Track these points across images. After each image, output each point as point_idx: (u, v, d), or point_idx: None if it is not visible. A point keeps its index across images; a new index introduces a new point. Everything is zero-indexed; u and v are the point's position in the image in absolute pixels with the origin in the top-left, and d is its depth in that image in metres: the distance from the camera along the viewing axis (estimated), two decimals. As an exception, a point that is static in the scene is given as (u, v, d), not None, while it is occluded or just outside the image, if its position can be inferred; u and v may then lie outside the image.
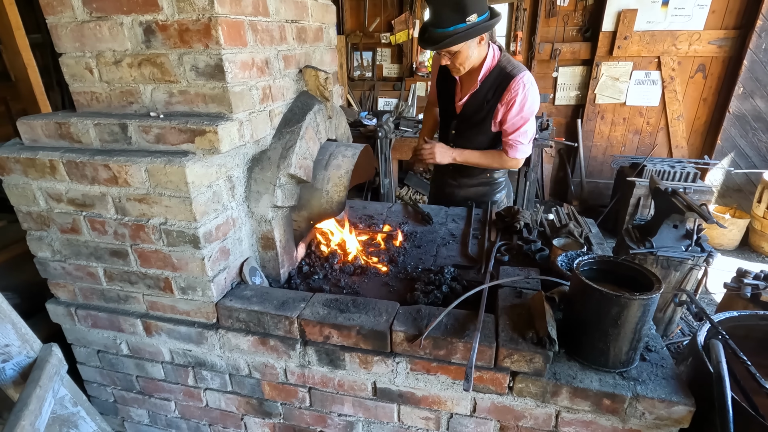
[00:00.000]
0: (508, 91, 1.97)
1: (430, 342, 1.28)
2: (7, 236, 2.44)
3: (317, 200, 1.72)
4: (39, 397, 1.17)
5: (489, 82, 2.02)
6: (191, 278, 1.43)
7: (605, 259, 1.36)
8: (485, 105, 2.07)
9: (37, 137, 1.45)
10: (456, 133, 2.28)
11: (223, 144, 1.32)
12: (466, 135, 2.24)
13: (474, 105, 2.10)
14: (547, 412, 1.28)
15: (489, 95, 2.04)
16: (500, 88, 2.00)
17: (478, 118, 2.12)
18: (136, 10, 1.27)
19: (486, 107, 2.07)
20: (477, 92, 2.07)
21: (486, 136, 2.18)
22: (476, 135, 2.20)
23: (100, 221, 1.42)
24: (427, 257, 1.91)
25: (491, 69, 2.02)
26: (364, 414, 1.50)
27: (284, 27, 1.59)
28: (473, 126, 2.17)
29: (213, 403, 1.68)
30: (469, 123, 2.18)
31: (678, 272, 2.84)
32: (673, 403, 1.13)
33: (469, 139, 2.23)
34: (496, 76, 2.01)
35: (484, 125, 2.13)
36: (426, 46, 1.93)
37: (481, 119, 2.11)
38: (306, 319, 1.38)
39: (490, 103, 2.05)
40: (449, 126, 2.30)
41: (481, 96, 2.06)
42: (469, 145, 2.23)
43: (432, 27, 1.88)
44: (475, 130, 2.18)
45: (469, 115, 2.16)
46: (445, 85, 2.24)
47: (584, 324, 1.24)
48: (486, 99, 2.05)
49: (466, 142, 2.24)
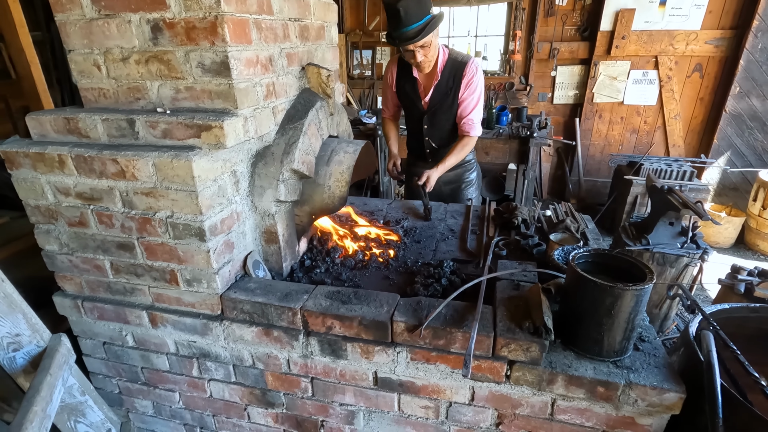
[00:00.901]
0: (465, 74, 2.26)
1: (430, 332, 1.32)
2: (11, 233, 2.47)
3: (319, 195, 1.75)
4: (50, 384, 1.20)
5: (447, 71, 2.28)
6: (197, 270, 1.46)
7: (600, 252, 1.39)
8: (450, 92, 2.32)
9: (45, 132, 1.48)
10: (428, 127, 2.49)
11: (229, 139, 1.35)
12: (438, 125, 2.47)
13: (439, 95, 2.34)
14: (543, 400, 1.32)
15: (450, 83, 2.30)
16: (458, 74, 2.27)
17: (446, 106, 2.36)
18: (144, 8, 1.31)
19: (451, 94, 2.32)
20: (439, 83, 2.31)
21: (451, 117, 2.42)
22: (447, 120, 2.43)
23: (107, 215, 1.46)
24: (426, 252, 1.95)
25: (446, 61, 2.28)
26: (365, 403, 1.53)
27: (287, 25, 1.63)
28: (443, 114, 2.40)
29: (217, 394, 1.71)
30: (439, 113, 2.40)
31: (673, 269, 2.89)
32: (665, 390, 1.17)
33: (441, 128, 2.47)
34: (451, 65, 2.27)
35: (453, 109, 2.37)
36: (405, 42, 2.09)
37: (449, 106, 2.36)
38: (309, 310, 1.42)
39: (453, 89, 2.31)
40: (421, 122, 2.50)
41: (443, 85, 2.31)
42: (442, 133, 2.49)
43: (401, 27, 2.04)
44: (445, 117, 2.41)
45: (437, 106, 2.38)
46: (404, 90, 2.46)
47: (579, 314, 1.28)
48: (449, 87, 2.31)
49: (439, 132, 2.49)
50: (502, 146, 5.09)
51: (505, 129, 4.65)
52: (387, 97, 2.63)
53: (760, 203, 4.18)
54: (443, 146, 2.52)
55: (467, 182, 2.71)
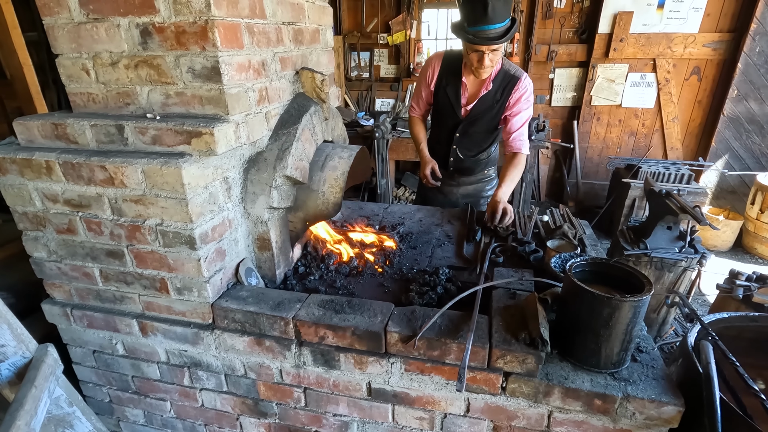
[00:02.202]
0: (516, 89, 2.13)
1: (425, 343, 1.29)
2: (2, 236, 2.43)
3: (313, 201, 1.73)
4: (35, 397, 1.17)
5: (497, 82, 2.15)
6: (187, 279, 1.44)
7: (597, 261, 1.37)
8: (495, 104, 2.19)
9: (33, 138, 1.45)
10: (460, 136, 2.34)
11: (220, 146, 1.32)
12: (471, 137, 2.33)
13: (484, 106, 2.20)
14: (539, 412, 1.30)
15: (499, 95, 2.17)
16: (509, 87, 2.15)
17: (488, 117, 2.23)
18: (133, 12, 1.28)
19: (497, 106, 2.20)
20: (488, 93, 2.17)
21: (489, 133, 2.32)
22: (482, 132, 2.31)
23: (96, 222, 1.43)
24: (422, 258, 1.93)
25: (498, 72, 2.14)
26: (359, 414, 1.51)
27: (281, 29, 1.60)
28: (482, 125, 2.27)
29: (209, 404, 1.69)
30: (477, 124, 2.27)
31: (671, 273, 2.87)
32: (663, 404, 1.15)
33: (473, 140, 2.34)
34: (503, 76, 2.14)
35: (492, 123, 2.26)
36: (487, 42, 1.90)
37: (490, 118, 2.23)
38: (301, 320, 1.39)
39: (500, 102, 2.18)
40: (454, 130, 2.34)
41: (491, 96, 2.17)
42: (471, 144, 2.36)
43: (485, 24, 1.85)
44: (484, 128, 2.29)
45: (479, 116, 2.24)
46: (445, 92, 2.27)
47: (576, 325, 1.26)
48: (496, 99, 2.18)
49: (469, 143, 2.36)
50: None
51: (502, 131, 4.63)
52: (421, 94, 2.40)
53: (757, 206, 4.17)
54: (467, 159, 2.40)
55: (486, 197, 2.57)
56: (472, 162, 2.43)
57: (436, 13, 5.46)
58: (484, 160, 2.47)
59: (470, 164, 2.44)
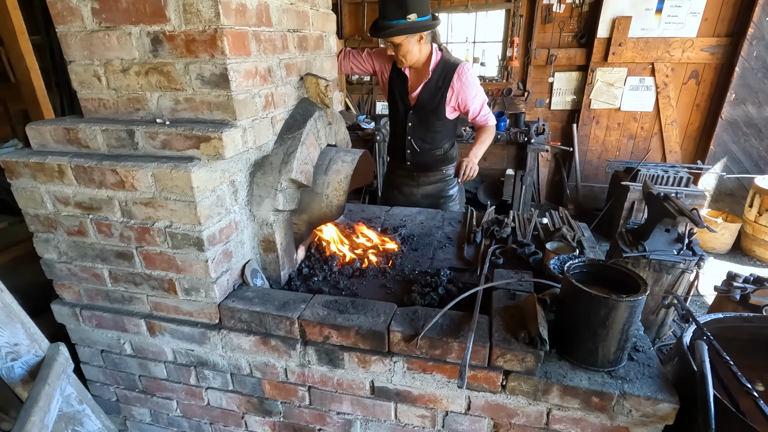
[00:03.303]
0: (456, 76, 2.37)
1: (427, 342, 1.33)
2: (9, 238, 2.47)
3: (317, 204, 1.77)
4: (48, 394, 1.21)
5: (438, 71, 2.39)
6: (195, 280, 1.47)
7: (595, 262, 1.41)
8: (438, 91, 2.42)
9: (45, 142, 1.49)
10: (413, 125, 2.56)
11: (228, 150, 1.36)
12: (422, 125, 2.54)
13: (428, 93, 2.44)
14: (538, 409, 1.33)
15: (440, 83, 2.41)
16: (448, 75, 2.39)
17: (433, 104, 2.45)
18: (144, 20, 1.32)
19: (439, 93, 2.42)
20: (429, 81, 2.41)
21: (440, 120, 2.50)
22: (432, 120, 2.51)
23: (106, 224, 1.47)
24: (423, 260, 1.96)
25: (438, 62, 2.39)
26: (362, 412, 1.54)
27: (286, 36, 1.64)
28: (429, 112, 2.49)
29: (214, 402, 1.72)
30: (425, 110, 2.49)
31: (670, 275, 2.90)
32: (658, 401, 1.18)
33: (426, 125, 2.54)
34: (442, 67, 2.39)
35: (439, 109, 2.46)
36: (372, 33, 2.28)
37: (436, 104, 2.45)
38: (306, 320, 1.43)
39: (442, 89, 2.41)
40: (405, 119, 2.56)
41: (433, 84, 2.41)
42: (424, 134, 2.55)
43: (380, 19, 2.21)
44: (432, 116, 2.49)
45: (425, 103, 2.47)
46: (395, 83, 2.53)
47: (574, 325, 1.29)
48: (438, 86, 2.41)
49: (422, 132, 2.56)
50: (500, 152, 5.12)
51: (503, 135, 4.68)
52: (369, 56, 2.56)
53: (755, 209, 4.21)
54: (423, 152, 2.58)
55: (446, 197, 2.73)
56: (429, 157, 2.59)
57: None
58: (440, 157, 2.62)
59: (427, 159, 2.60)
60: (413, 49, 2.27)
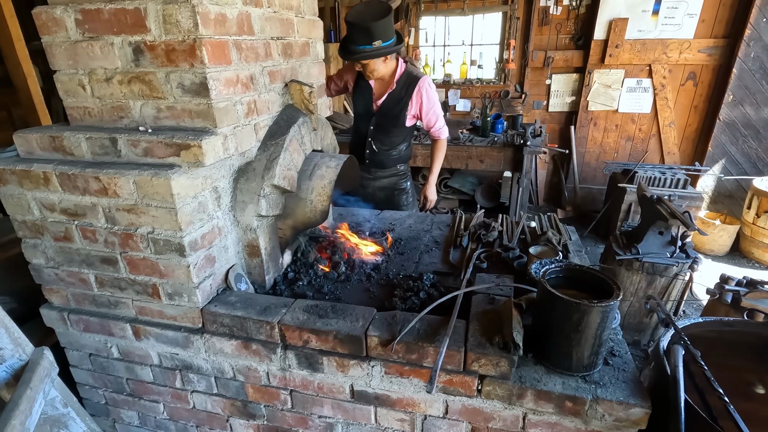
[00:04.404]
0: (418, 88, 2.63)
1: (403, 346, 1.34)
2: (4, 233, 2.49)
3: (302, 209, 1.79)
4: (29, 398, 1.23)
5: (401, 82, 2.64)
6: (178, 285, 1.50)
7: (572, 266, 1.41)
8: (400, 101, 2.67)
9: (32, 149, 1.52)
10: (374, 128, 2.78)
11: (208, 157, 1.38)
12: (383, 130, 2.77)
13: (391, 101, 2.68)
14: (514, 413, 1.34)
15: (402, 93, 2.65)
16: (411, 87, 2.64)
17: (395, 112, 2.70)
18: (126, 31, 1.35)
19: (401, 102, 2.67)
20: (393, 91, 2.65)
21: (400, 127, 2.75)
22: (392, 127, 2.75)
23: (91, 230, 1.49)
24: (409, 264, 1.98)
25: (402, 74, 2.64)
26: (343, 416, 1.56)
27: (269, 44, 1.67)
28: (390, 119, 2.72)
29: (200, 405, 1.74)
30: (387, 117, 2.73)
31: (663, 278, 2.90)
32: (631, 406, 1.19)
33: (386, 131, 2.77)
34: (406, 78, 2.64)
35: (400, 117, 2.71)
36: (341, 54, 2.51)
37: (398, 112, 2.69)
38: (286, 324, 1.45)
39: (404, 99, 2.66)
40: (368, 123, 2.77)
41: (397, 93, 2.66)
42: (384, 137, 2.79)
43: (348, 43, 2.42)
44: (393, 122, 2.73)
45: (387, 110, 2.71)
46: (361, 90, 2.75)
47: (549, 329, 1.30)
48: (400, 96, 2.66)
49: (382, 136, 2.79)
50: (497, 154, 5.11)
51: (499, 137, 4.68)
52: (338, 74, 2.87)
53: (754, 211, 4.18)
54: (381, 152, 2.83)
55: (400, 189, 3.01)
56: (385, 156, 2.84)
57: (434, 20, 5.53)
58: (395, 157, 2.86)
59: (384, 158, 2.85)
60: (379, 67, 2.52)
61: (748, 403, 1.44)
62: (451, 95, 5.60)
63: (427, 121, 2.76)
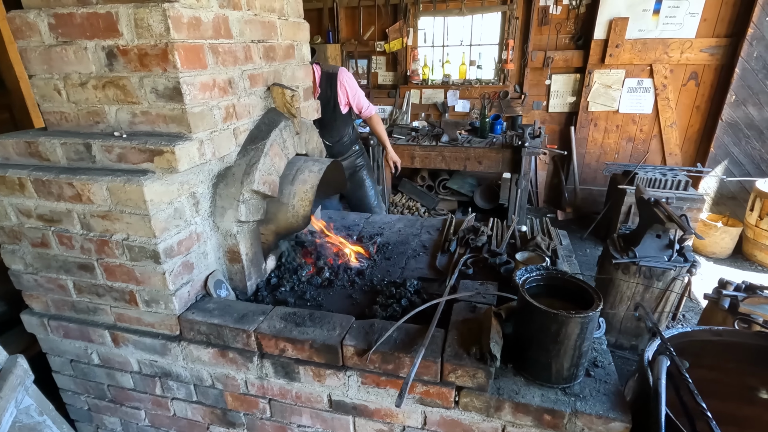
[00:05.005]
0: (339, 81, 2.86)
1: (379, 356, 1.31)
2: None
3: (283, 214, 1.76)
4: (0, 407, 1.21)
5: (323, 84, 2.86)
6: (154, 291, 1.48)
7: (553, 274, 1.38)
8: (330, 99, 2.90)
9: (8, 155, 1.51)
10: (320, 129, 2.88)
11: (182, 163, 1.36)
12: (326, 127, 2.97)
13: (323, 101, 2.84)
14: (493, 426, 1.31)
15: (328, 91, 2.88)
16: (333, 82, 2.87)
17: (329, 110, 2.93)
18: (99, 35, 1.33)
19: (331, 99, 2.91)
20: (321, 94, 2.85)
21: (339, 117, 2.99)
22: (333, 120, 3.00)
23: (67, 236, 1.48)
24: (395, 269, 1.95)
25: (320, 76, 2.84)
26: (322, 425, 1.53)
27: (249, 47, 1.64)
28: (329, 114, 2.94)
29: (180, 413, 1.72)
30: (325, 116, 2.86)
31: (661, 282, 2.84)
32: (610, 420, 1.15)
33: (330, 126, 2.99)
34: (326, 78, 2.85)
35: (336, 110, 2.96)
36: None
37: (333, 106, 2.94)
38: (262, 333, 1.42)
39: (332, 95, 2.90)
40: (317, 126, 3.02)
41: (324, 94, 2.87)
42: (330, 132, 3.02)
43: None
44: (331, 116, 2.98)
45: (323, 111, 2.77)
46: None
47: (528, 340, 1.27)
48: (327, 95, 2.89)
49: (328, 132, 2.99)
50: (495, 155, 5.06)
51: (498, 138, 4.64)
52: None
53: (757, 213, 4.11)
54: (334, 143, 3.08)
55: (359, 166, 3.28)
56: (339, 146, 3.11)
57: (432, 21, 5.49)
58: (347, 143, 3.15)
59: (339, 148, 3.12)
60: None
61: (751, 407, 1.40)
62: (450, 96, 5.55)
63: (357, 105, 3.02)
